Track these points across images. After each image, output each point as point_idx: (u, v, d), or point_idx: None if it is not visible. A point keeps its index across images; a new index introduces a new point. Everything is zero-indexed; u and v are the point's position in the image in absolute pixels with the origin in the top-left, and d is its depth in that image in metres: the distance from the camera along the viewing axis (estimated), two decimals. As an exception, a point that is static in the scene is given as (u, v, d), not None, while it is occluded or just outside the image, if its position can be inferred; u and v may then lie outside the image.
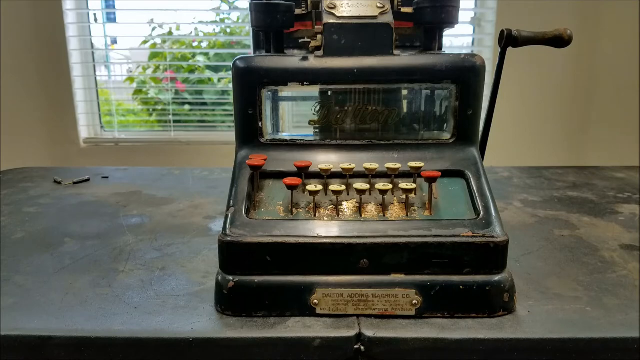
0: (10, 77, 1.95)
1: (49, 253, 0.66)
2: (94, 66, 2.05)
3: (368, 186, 0.52)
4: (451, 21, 0.60)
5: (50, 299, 0.54)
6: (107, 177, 1.06)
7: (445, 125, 0.58)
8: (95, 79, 2.05)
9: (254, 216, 0.52)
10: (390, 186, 0.52)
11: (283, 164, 0.56)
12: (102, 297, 0.55)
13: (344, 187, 0.52)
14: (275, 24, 0.59)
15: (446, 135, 0.58)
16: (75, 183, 1.01)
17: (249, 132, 0.57)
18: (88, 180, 1.03)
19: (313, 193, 0.51)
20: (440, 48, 0.63)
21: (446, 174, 0.55)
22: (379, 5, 0.56)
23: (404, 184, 0.52)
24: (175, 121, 2.09)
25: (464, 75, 0.56)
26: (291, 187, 0.51)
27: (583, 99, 1.99)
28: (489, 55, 1.95)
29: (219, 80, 2.11)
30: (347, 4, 0.57)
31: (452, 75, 0.56)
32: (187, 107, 2.12)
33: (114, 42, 2.19)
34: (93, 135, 2.08)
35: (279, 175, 0.55)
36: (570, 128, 2.02)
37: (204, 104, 2.12)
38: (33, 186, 0.99)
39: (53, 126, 2.02)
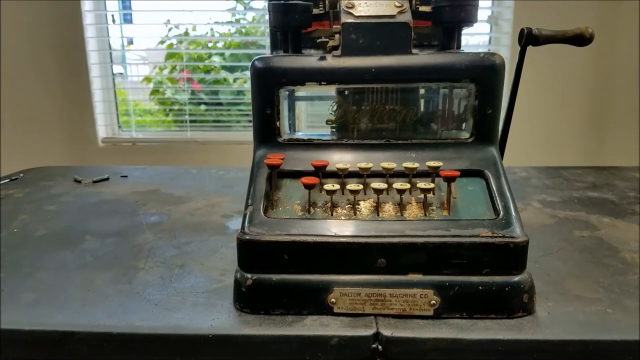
0: (31, 78, 1.99)
1: (70, 250, 0.67)
2: (112, 66, 2.07)
3: (385, 186, 0.52)
4: (470, 20, 0.59)
5: (72, 295, 0.55)
6: (126, 176, 1.07)
7: (463, 124, 0.58)
8: (113, 79, 2.08)
9: (272, 215, 0.52)
10: (408, 186, 0.51)
11: (300, 164, 0.56)
12: (123, 293, 0.56)
13: (361, 187, 0.52)
14: (293, 24, 0.60)
15: (465, 135, 0.58)
16: (95, 182, 1.02)
17: (266, 132, 0.58)
18: (107, 179, 1.05)
19: (330, 192, 0.52)
20: (458, 47, 0.62)
21: (465, 173, 0.55)
22: (397, 4, 0.56)
23: (422, 184, 0.52)
24: (191, 121, 2.10)
25: (484, 74, 0.55)
26: (308, 187, 0.52)
27: (601, 98, 1.96)
28: (506, 54, 1.93)
29: (235, 80, 2.12)
30: (365, 3, 0.57)
31: (471, 74, 0.55)
32: (203, 107, 2.14)
33: (130, 42, 2.22)
34: (111, 134, 2.10)
35: (297, 175, 0.56)
36: (589, 127, 1.99)
37: (220, 104, 2.13)
38: (53, 185, 1.00)
39: (72, 126, 2.05)
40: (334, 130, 0.59)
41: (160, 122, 2.21)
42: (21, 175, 1.08)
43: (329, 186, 0.52)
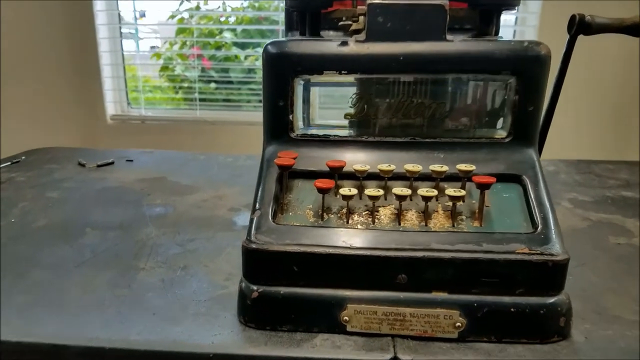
0: (39, 53, 1.94)
1: (69, 245, 0.63)
2: (121, 41, 2.02)
3: (409, 191, 0.46)
4: (512, 3, 0.53)
5: (67, 299, 0.51)
6: (132, 161, 1.03)
7: (500, 122, 0.52)
8: (122, 54, 2.02)
9: (281, 221, 0.47)
10: (434, 192, 0.46)
11: (314, 162, 0.51)
12: (121, 299, 0.51)
13: (381, 192, 0.46)
14: (311, 4, 0.53)
15: (501, 134, 0.51)
16: (99, 166, 0.98)
17: (278, 126, 0.52)
18: (112, 163, 1.00)
19: (346, 198, 0.46)
20: (497, 33, 0.56)
21: (500, 178, 0.49)
22: (429, -16, 0.50)
23: (450, 190, 0.46)
24: (201, 99, 2.05)
25: (527, 66, 0.49)
26: (322, 191, 0.46)
27: (632, 88, 1.86)
28: (532, 35, 1.83)
29: (246, 57, 2.05)
30: (393, -18, 0.50)
31: (512, 65, 0.49)
32: (213, 85, 2.07)
33: (143, 15, 2.15)
34: (120, 112, 2.06)
35: (310, 175, 0.50)
36: (618, 119, 1.90)
37: (230, 82, 2.07)
38: (58, 168, 0.96)
39: (81, 102, 2.00)
40: (353, 125, 0.53)
41: (170, 99, 2.16)
42: (23, 158, 1.04)
43: (345, 190, 0.46)
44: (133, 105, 2.09)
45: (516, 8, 0.53)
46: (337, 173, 0.49)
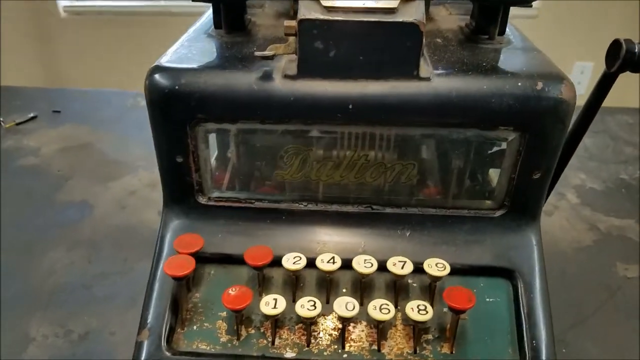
0: None
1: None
2: None
3: (356, 308, 0.33)
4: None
5: None
6: (59, 112, 0.86)
7: (491, 190, 0.36)
8: None
9: (181, 344, 0.34)
10: (388, 314, 0.32)
11: (232, 243, 0.37)
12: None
13: (317, 311, 0.33)
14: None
15: (491, 206, 0.36)
16: (18, 124, 0.82)
17: (179, 189, 0.37)
18: (35, 117, 0.84)
19: (270, 317, 0.33)
20: (502, 32, 0.38)
21: (484, 271, 0.35)
22: (400, -16, 0.31)
23: (412, 305, 0.33)
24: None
25: (538, 120, 0.32)
26: (236, 312, 0.33)
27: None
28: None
29: None
30: (343, -23, 0.31)
31: (516, 119, 0.32)
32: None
33: None
34: (75, 2, 1.79)
35: (226, 260, 0.36)
36: None
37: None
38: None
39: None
40: (288, 187, 0.37)
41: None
42: None
43: (267, 305, 0.33)
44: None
45: (531, 4, 0.35)
46: (260, 270, 0.35)
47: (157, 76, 0.33)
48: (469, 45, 0.37)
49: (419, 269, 0.35)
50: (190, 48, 0.36)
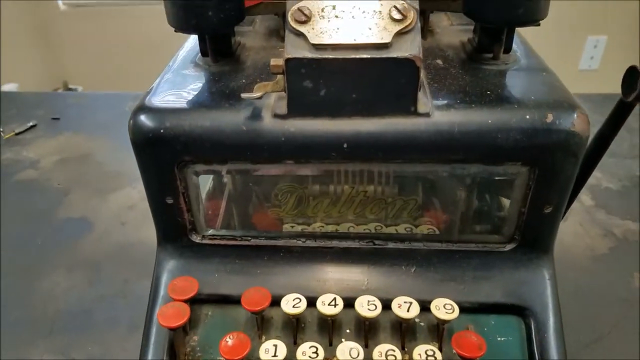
0: None
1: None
2: None
3: (359, 354, 0.31)
4: (533, 18, 0.31)
5: None
6: (58, 119, 0.85)
7: (501, 224, 0.34)
8: None
9: None
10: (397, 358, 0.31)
11: (228, 282, 0.35)
12: None
13: (318, 358, 0.31)
14: (207, 25, 0.33)
15: (500, 239, 0.34)
16: (17, 134, 0.80)
17: (172, 229, 0.35)
18: (35, 126, 0.82)
19: (269, 366, 0.32)
20: (507, 50, 0.35)
21: (495, 308, 0.34)
22: (395, 15, 0.28)
23: (421, 348, 0.31)
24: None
25: (549, 155, 0.30)
26: (233, 365, 0.32)
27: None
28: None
29: None
30: (333, 7, 0.29)
31: (525, 155, 0.30)
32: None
33: None
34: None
35: (223, 301, 0.35)
36: None
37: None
38: (-35, 139, 0.79)
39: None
40: (285, 225, 0.36)
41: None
42: None
43: (267, 351, 0.32)
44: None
45: (539, 22, 0.32)
46: (258, 315, 0.34)
47: (142, 117, 0.31)
48: (472, 67, 0.34)
49: (425, 308, 0.33)
50: (176, 82, 0.34)
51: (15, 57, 1.74)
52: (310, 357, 0.32)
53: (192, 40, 0.41)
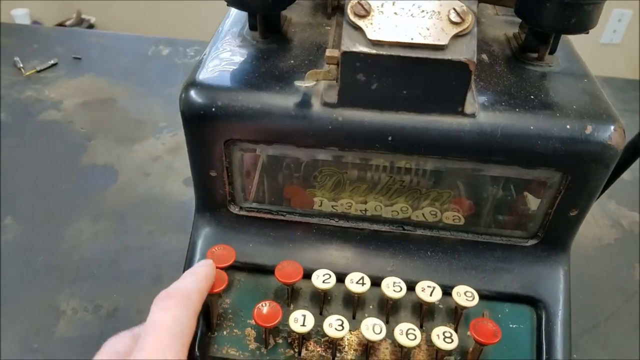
0: None
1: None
2: None
3: (382, 330, 0.34)
4: (584, 27, 0.32)
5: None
6: (80, 58, 0.84)
7: (525, 221, 0.36)
8: None
9: (211, 349, 0.36)
10: (415, 339, 0.34)
11: (262, 253, 0.37)
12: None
13: (344, 331, 0.34)
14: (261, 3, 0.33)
15: (523, 235, 0.36)
16: (39, 71, 0.80)
17: (212, 199, 0.37)
18: (56, 64, 0.82)
19: (297, 334, 0.34)
20: (553, 52, 0.36)
21: (509, 297, 0.36)
22: (453, 18, 0.28)
23: (439, 329, 0.34)
24: None
25: (583, 164, 0.31)
26: (266, 330, 0.34)
27: None
28: None
29: None
30: (393, 4, 0.29)
31: (560, 162, 0.31)
32: None
33: None
34: None
35: (255, 270, 0.37)
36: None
37: None
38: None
39: None
40: (320, 204, 0.37)
41: None
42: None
43: (296, 320, 0.34)
44: None
45: (588, 31, 0.32)
46: (289, 287, 0.36)
47: (193, 94, 0.32)
48: (517, 66, 0.35)
49: (447, 293, 0.35)
50: (225, 56, 0.35)
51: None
52: (336, 329, 0.34)
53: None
